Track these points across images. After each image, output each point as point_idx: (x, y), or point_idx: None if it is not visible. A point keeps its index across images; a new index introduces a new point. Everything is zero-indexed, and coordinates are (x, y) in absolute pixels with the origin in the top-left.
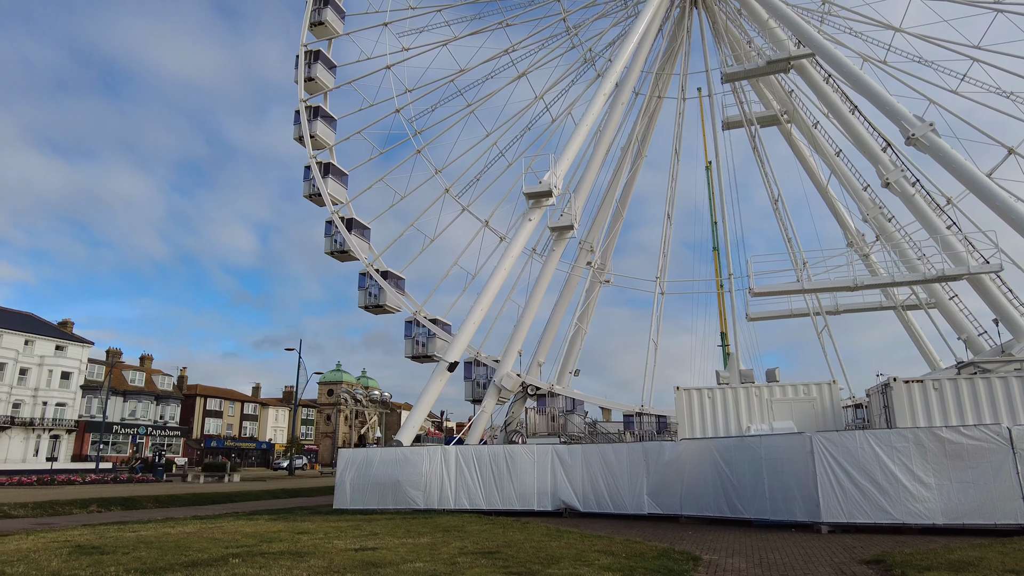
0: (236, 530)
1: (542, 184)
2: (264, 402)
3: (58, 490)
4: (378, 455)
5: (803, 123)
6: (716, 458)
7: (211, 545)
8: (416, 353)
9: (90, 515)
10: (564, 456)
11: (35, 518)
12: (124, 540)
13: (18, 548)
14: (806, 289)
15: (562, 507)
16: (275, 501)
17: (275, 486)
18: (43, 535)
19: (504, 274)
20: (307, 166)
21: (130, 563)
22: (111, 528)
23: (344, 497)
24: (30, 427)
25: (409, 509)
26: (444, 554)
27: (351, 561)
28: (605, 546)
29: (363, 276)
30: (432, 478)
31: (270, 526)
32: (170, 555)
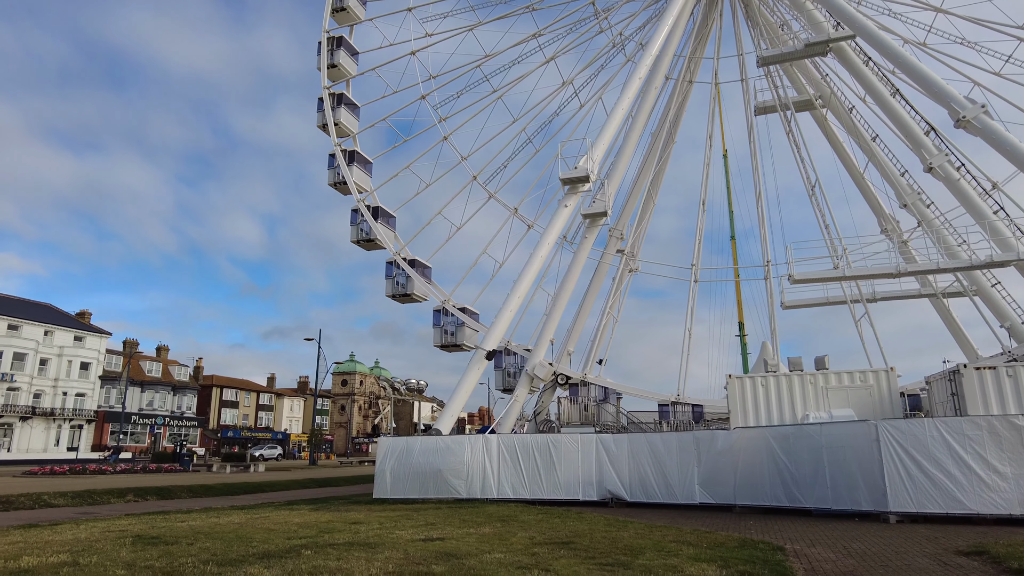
0: (285, 520)
1: (578, 169)
2: (279, 392)
3: (91, 479)
4: (418, 444)
5: (839, 108)
6: (772, 447)
7: (272, 536)
8: (445, 342)
9: (128, 504)
10: (609, 445)
11: (76, 507)
12: (178, 530)
13: (76, 537)
14: (847, 276)
15: (608, 497)
16: (306, 491)
17: (300, 476)
18: (93, 524)
19: (540, 261)
20: (331, 154)
21: (200, 554)
22: (158, 518)
23: (384, 486)
24: (51, 417)
25: (451, 498)
26: (516, 544)
27: (426, 552)
28: (677, 536)
29: (390, 265)
30: (474, 467)
31: (319, 516)
32: (237, 546)
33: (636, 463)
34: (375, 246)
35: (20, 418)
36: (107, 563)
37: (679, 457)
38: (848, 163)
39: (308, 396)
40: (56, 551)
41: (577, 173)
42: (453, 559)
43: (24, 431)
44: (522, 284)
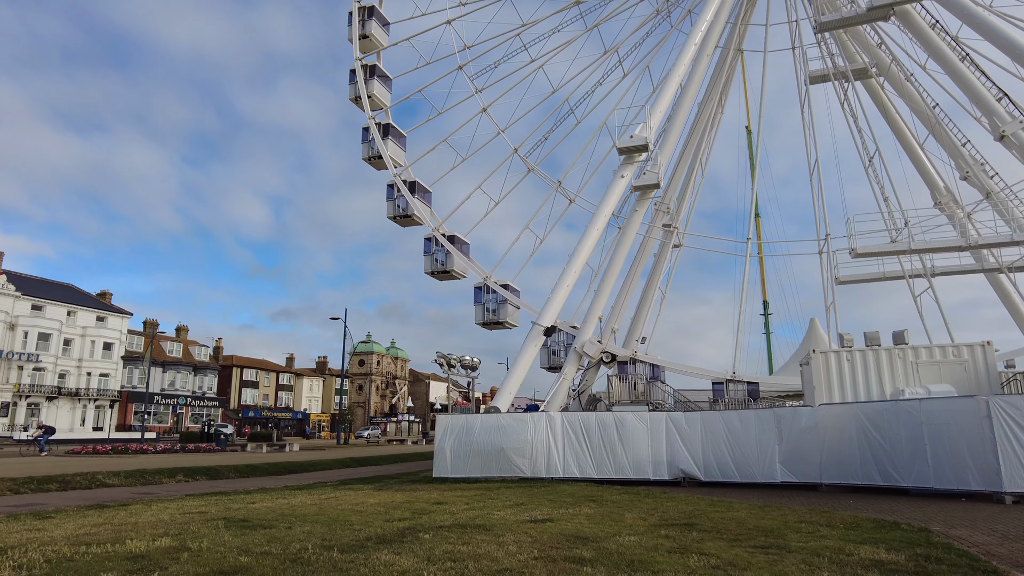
0: (360, 501)
1: (635, 138)
2: (298, 372)
3: (135, 459)
4: (478, 422)
5: (896, 76)
6: (864, 424)
7: (369, 518)
8: (487, 320)
9: (181, 484)
10: (681, 424)
11: (131, 487)
12: (259, 512)
13: (159, 519)
14: (913, 249)
15: (680, 476)
16: (348, 470)
17: (335, 455)
18: (164, 505)
19: (597, 233)
20: (365, 128)
21: (307, 539)
22: (225, 499)
23: (444, 465)
24: (76, 397)
25: (515, 477)
26: (636, 526)
27: (550, 534)
28: (800, 516)
29: (428, 241)
30: (538, 445)
31: (391, 496)
32: (340, 530)
33: (711, 441)
34: (411, 222)
35: (47, 398)
36: (220, 548)
37: (758, 435)
38: (901, 134)
39: (327, 376)
40: (155, 534)
41: (635, 142)
42: (588, 542)
43: (51, 411)
44: (578, 258)
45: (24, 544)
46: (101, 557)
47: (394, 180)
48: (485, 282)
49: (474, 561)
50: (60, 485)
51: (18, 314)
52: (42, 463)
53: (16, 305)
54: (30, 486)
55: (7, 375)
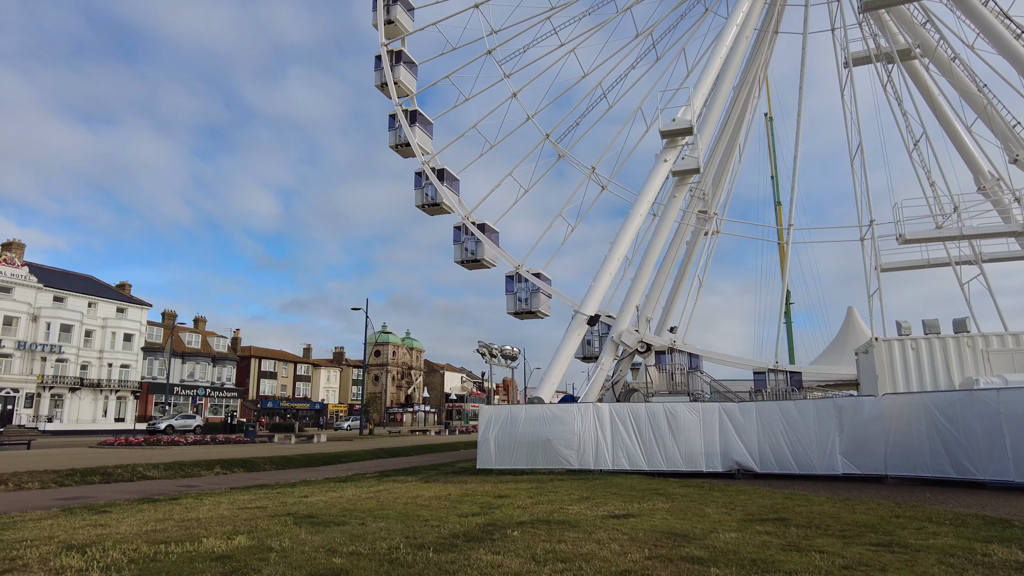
0: (416, 494)
1: (678, 121)
2: (315, 363)
3: (169, 451)
4: (523, 413)
5: (942, 57)
6: (934, 414)
7: (442, 513)
8: (519, 309)
9: (220, 477)
10: (735, 414)
11: (172, 479)
12: (317, 506)
13: (220, 515)
14: (964, 235)
15: (734, 468)
16: (382, 461)
17: (364, 446)
18: (217, 499)
19: (640, 219)
20: (391, 114)
21: (388, 537)
22: (274, 492)
23: (488, 456)
24: (98, 388)
25: (563, 469)
26: (725, 521)
27: (644, 532)
28: (892, 511)
29: (458, 230)
30: (586, 437)
31: (446, 489)
32: (417, 527)
33: (766, 433)
34: (440, 211)
35: (69, 389)
36: (304, 548)
37: (817, 426)
38: (944, 117)
39: (343, 366)
40: (226, 532)
41: (678, 125)
42: (690, 539)
43: (73, 402)
44: (621, 245)
45: (96, 542)
46: (186, 557)
47: (422, 168)
48: (517, 271)
49: (585, 562)
50: (103, 477)
51: (40, 305)
52: (85, 456)
53: (39, 297)
54: (74, 478)
55: (31, 366)
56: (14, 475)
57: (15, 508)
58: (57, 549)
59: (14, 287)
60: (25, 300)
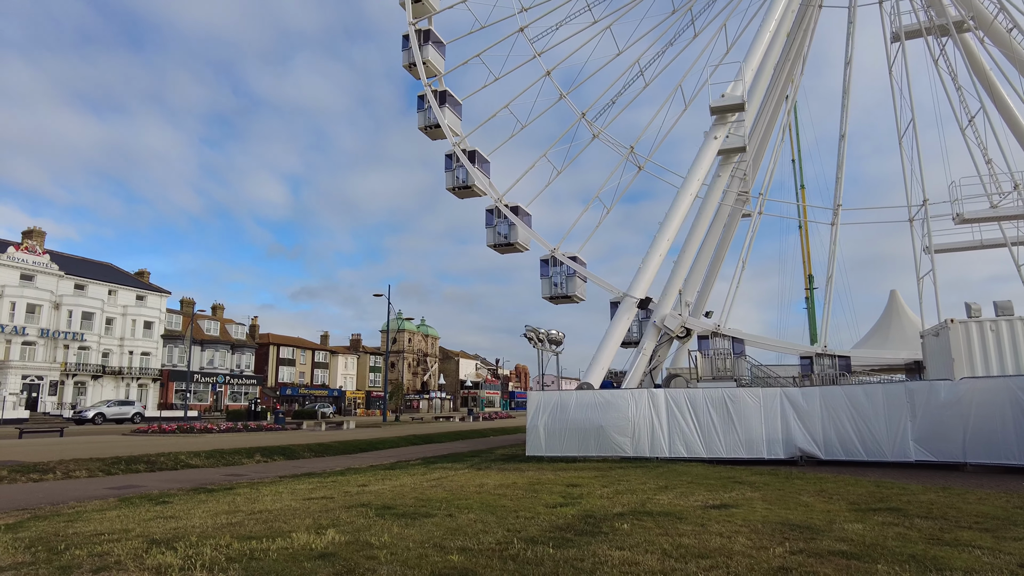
0: (480, 483)
1: (728, 96)
2: (333, 350)
3: (204, 438)
4: (573, 399)
5: (998, 30)
6: (1020, 399)
7: (522, 504)
8: (554, 294)
9: (261, 465)
10: (797, 400)
11: (215, 468)
12: (386, 495)
13: (289, 507)
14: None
15: (797, 455)
16: (418, 448)
17: (395, 433)
18: (273, 488)
19: (690, 199)
20: (421, 95)
21: (487, 529)
22: (326, 481)
23: (538, 443)
24: (119, 375)
25: (617, 457)
26: (837, 512)
27: (762, 524)
28: (1010, 501)
29: (490, 213)
30: (640, 423)
31: (506, 477)
32: (512, 518)
33: (831, 418)
34: (471, 193)
35: (92, 376)
36: (407, 544)
37: (887, 411)
38: (996, 94)
39: (360, 353)
40: (309, 526)
41: (729, 101)
42: (820, 532)
43: (95, 389)
44: (670, 226)
45: (178, 536)
46: (287, 556)
47: (453, 150)
48: (552, 254)
49: (726, 558)
50: (147, 466)
51: (62, 293)
52: (122, 443)
53: (60, 284)
54: (119, 467)
55: (54, 354)
56: (60, 463)
57: (70, 497)
58: (143, 545)
59: (36, 275)
60: (47, 288)
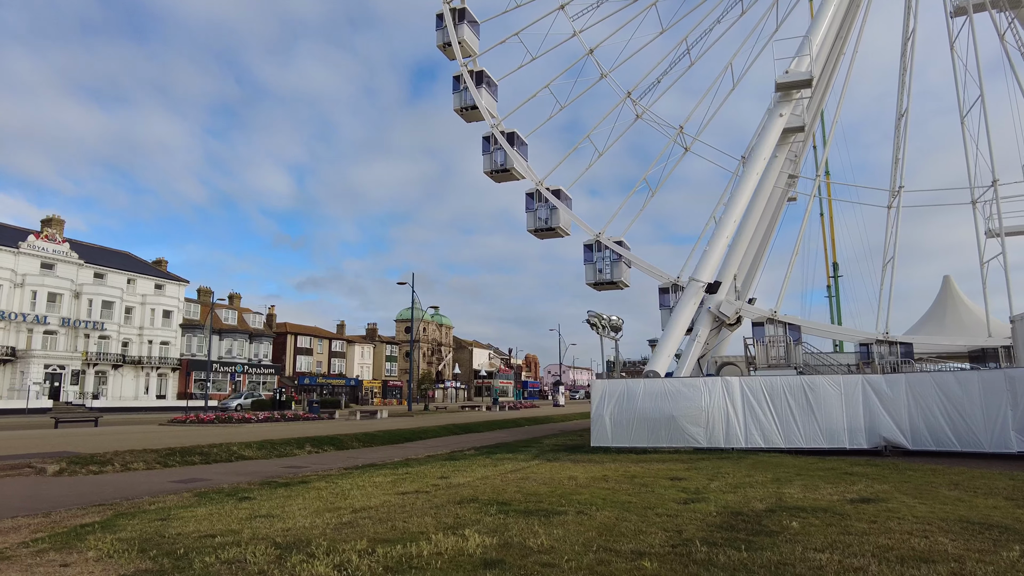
0: (570, 475)
1: (792, 73)
2: (349, 339)
3: (244, 428)
4: (641, 387)
5: None
6: None
7: (650, 500)
8: (599, 280)
9: (313, 456)
10: (880, 387)
11: (268, 459)
12: (484, 490)
13: (387, 502)
14: None
15: (881, 444)
16: (460, 438)
17: (431, 422)
18: (350, 481)
19: (756, 178)
20: (456, 76)
21: (649, 529)
22: (393, 473)
23: (604, 433)
24: (139, 365)
25: (690, 448)
26: (1002, 508)
27: (943, 520)
28: None
29: (530, 197)
30: (715, 413)
31: (592, 469)
32: (653, 515)
33: (919, 407)
34: (509, 177)
35: (112, 366)
36: (572, 548)
37: (983, 400)
38: None
39: (377, 343)
40: (440, 527)
41: (796, 76)
42: (1015, 533)
43: (116, 379)
44: (736, 208)
45: (302, 540)
46: (450, 564)
47: (491, 132)
48: (597, 239)
49: (957, 563)
50: (202, 458)
51: (82, 282)
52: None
53: (80, 273)
54: (174, 458)
55: (75, 343)
56: (115, 455)
57: (141, 492)
58: (271, 551)
59: (56, 263)
60: (67, 276)
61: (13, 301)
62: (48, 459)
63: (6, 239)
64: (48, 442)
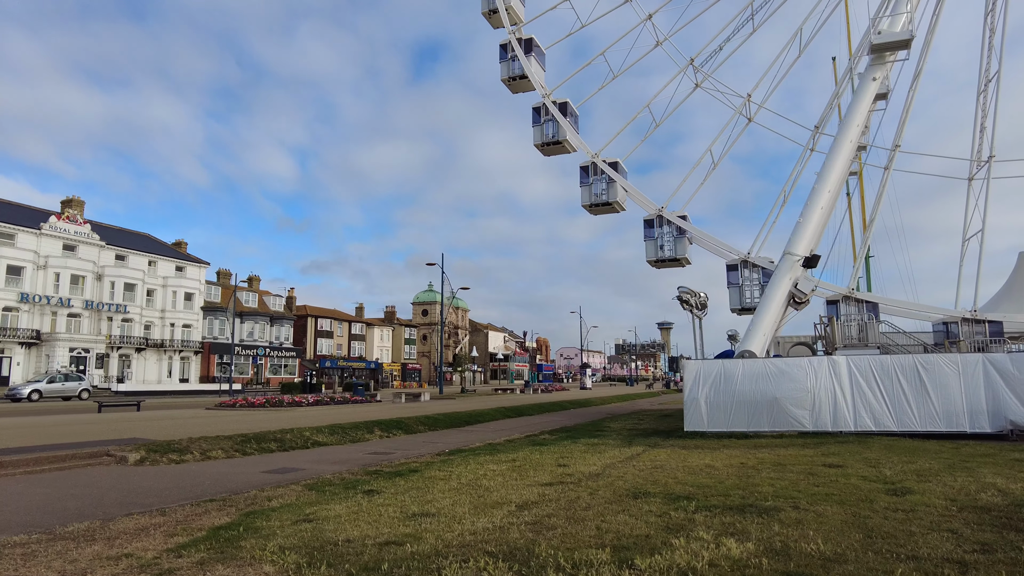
0: (707, 463)
1: (886, 33)
2: (369, 322)
3: (302, 412)
4: (740, 368)
5: None
6: None
7: (843, 490)
8: (660, 257)
9: (387, 441)
10: (1004, 366)
11: (343, 445)
12: (628, 477)
13: (536, 498)
14: None
15: (1007, 428)
16: (519, 421)
17: (479, 405)
18: (464, 470)
19: (850, 145)
20: (503, 44)
21: (905, 527)
22: (500, 458)
23: (699, 418)
24: (161, 348)
25: (795, 432)
26: None
27: None
28: None
29: (585, 170)
30: (821, 395)
31: (723, 458)
32: (891, 515)
33: None
34: (561, 149)
35: (136, 349)
36: (853, 555)
37: None
38: None
39: (396, 325)
40: (658, 526)
41: (894, 36)
42: None
43: (139, 362)
44: (831, 175)
45: (511, 547)
46: None
47: (542, 102)
48: (660, 213)
49: None
50: (278, 444)
51: (104, 264)
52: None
53: (101, 255)
54: (251, 446)
55: (98, 326)
56: (191, 442)
57: (239, 484)
58: (500, 565)
59: (78, 245)
60: (89, 258)
61: (37, 283)
62: (125, 447)
63: (28, 220)
64: (109, 428)
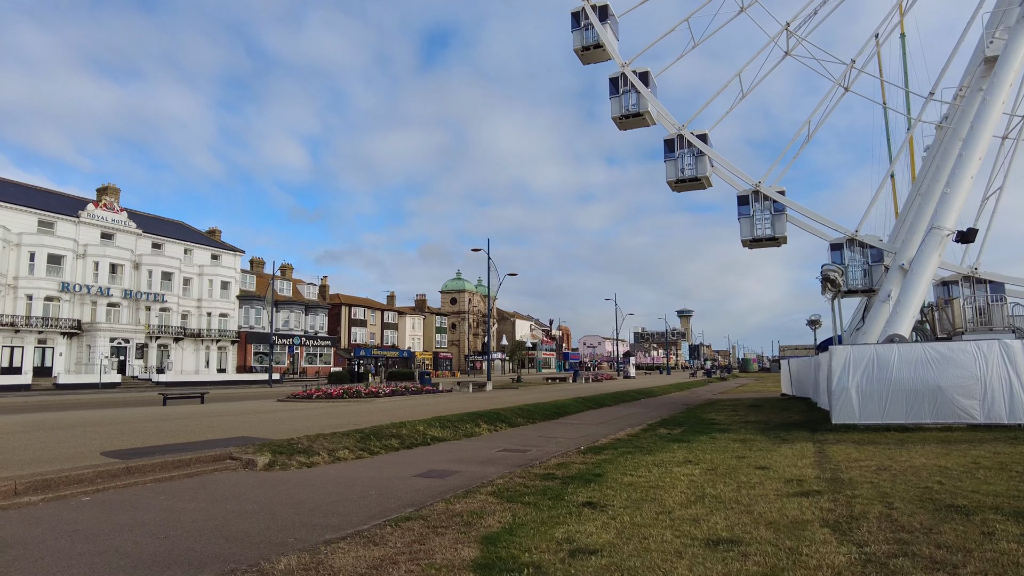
0: (941, 466)
1: None
2: (400, 311)
3: (386, 404)
4: (895, 354)
5: None
6: None
7: None
8: (758, 235)
9: (496, 435)
10: None
11: (458, 440)
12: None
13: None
14: None
15: None
16: (603, 412)
17: (555, 396)
18: (650, 469)
19: (1000, 107)
20: (575, 12)
21: None
22: (726, 456)
23: (850, 409)
24: (199, 338)
25: (963, 424)
26: None
27: None
28: None
29: (668, 144)
30: (993, 383)
31: (925, 456)
32: None
33: None
34: (641, 122)
35: (174, 339)
36: None
37: None
38: None
39: (426, 314)
40: None
41: None
42: None
43: (177, 352)
44: (979, 142)
45: None
46: None
47: (621, 72)
48: (757, 188)
49: None
50: (399, 441)
51: (140, 252)
52: (316, 412)
53: (138, 243)
54: (373, 444)
55: (136, 316)
56: (312, 441)
57: (407, 494)
58: None
59: (115, 233)
60: (127, 247)
61: (76, 272)
62: (246, 448)
63: (65, 208)
64: (200, 424)
